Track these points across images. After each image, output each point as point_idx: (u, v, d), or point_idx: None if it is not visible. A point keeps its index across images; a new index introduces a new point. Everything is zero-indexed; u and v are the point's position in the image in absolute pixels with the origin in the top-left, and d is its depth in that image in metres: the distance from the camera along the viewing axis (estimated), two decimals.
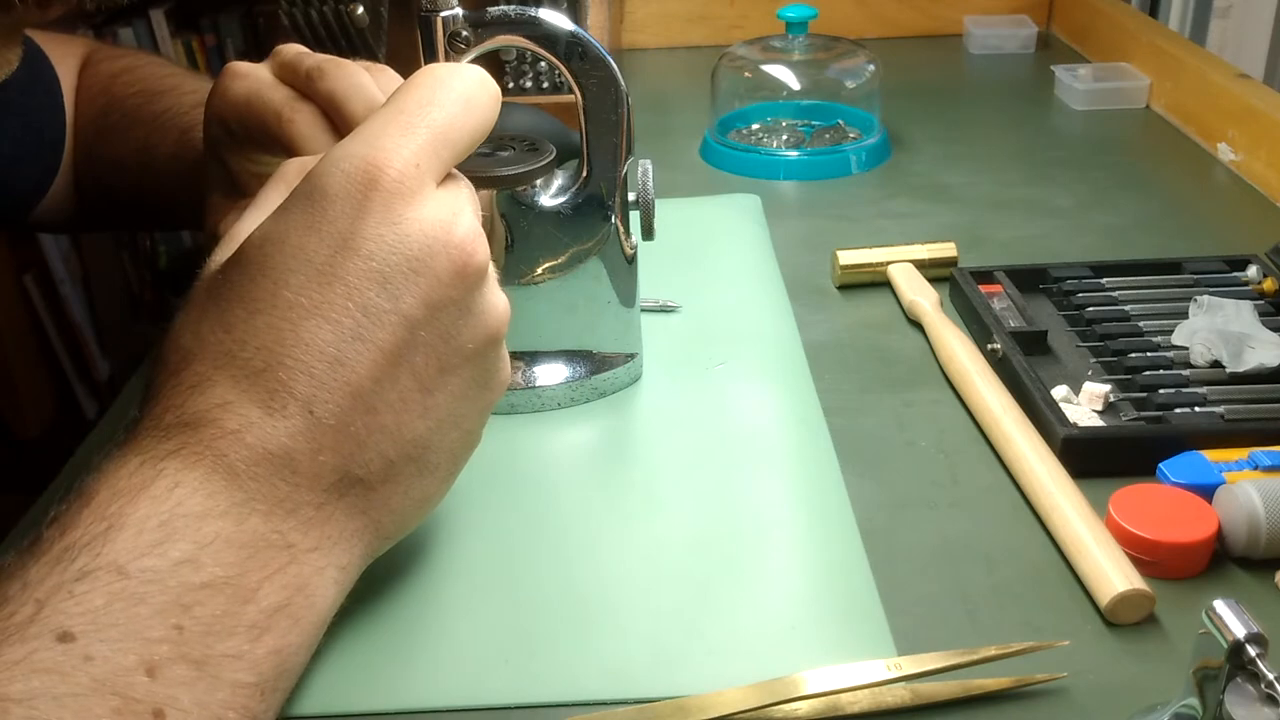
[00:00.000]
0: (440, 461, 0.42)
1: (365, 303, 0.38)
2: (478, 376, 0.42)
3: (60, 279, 1.93)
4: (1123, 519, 0.48)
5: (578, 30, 0.54)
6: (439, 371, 0.40)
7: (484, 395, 0.43)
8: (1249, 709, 0.34)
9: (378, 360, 0.39)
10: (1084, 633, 0.45)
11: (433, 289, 0.39)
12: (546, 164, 0.56)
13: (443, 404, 0.41)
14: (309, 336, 0.38)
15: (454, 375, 0.41)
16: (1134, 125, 1.02)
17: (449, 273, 0.40)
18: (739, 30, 1.26)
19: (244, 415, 0.38)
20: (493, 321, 0.42)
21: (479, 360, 0.42)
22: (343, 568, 0.40)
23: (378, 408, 0.39)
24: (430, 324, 0.40)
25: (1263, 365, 0.58)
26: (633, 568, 0.48)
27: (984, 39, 1.24)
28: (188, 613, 0.35)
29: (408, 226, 0.39)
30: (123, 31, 1.83)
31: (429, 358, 0.40)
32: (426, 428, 0.41)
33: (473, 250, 0.40)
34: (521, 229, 0.57)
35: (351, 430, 0.39)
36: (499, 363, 0.43)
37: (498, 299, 0.43)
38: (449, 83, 0.42)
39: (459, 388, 0.41)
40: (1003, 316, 0.65)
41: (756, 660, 0.43)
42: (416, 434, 0.40)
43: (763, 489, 0.53)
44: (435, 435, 0.41)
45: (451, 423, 0.42)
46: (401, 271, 0.39)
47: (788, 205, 0.88)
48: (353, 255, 0.38)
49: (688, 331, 0.66)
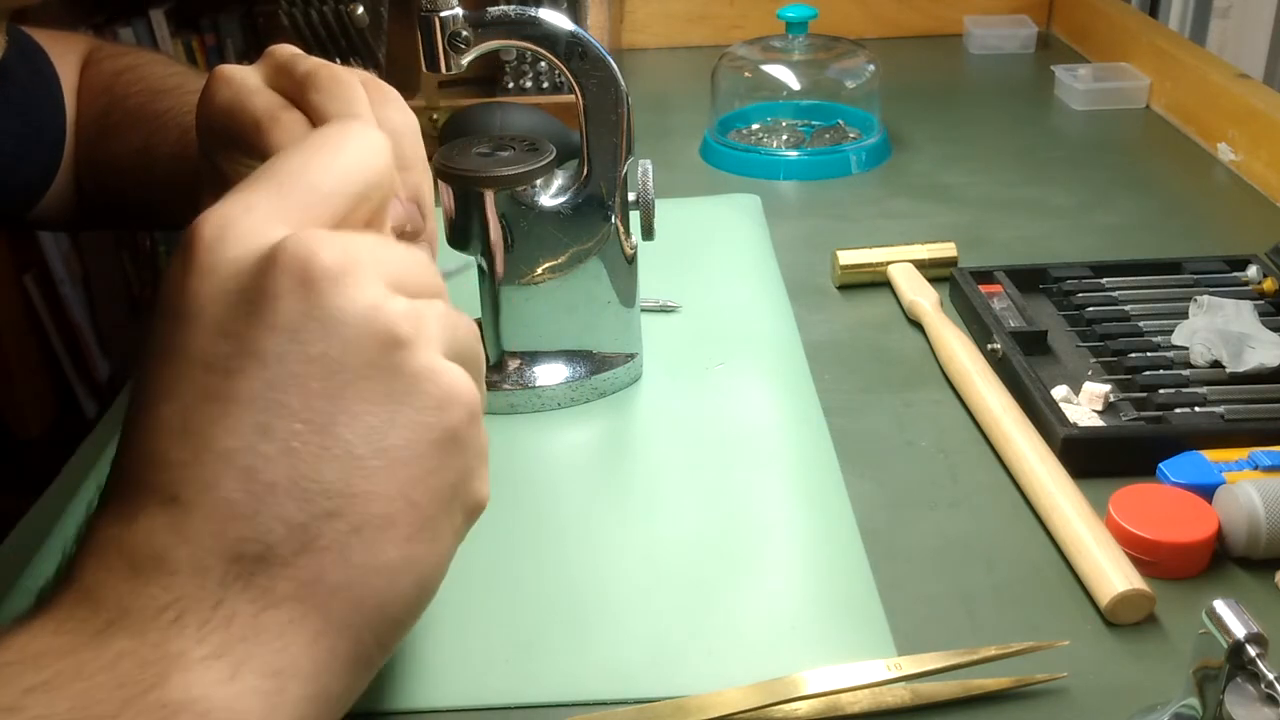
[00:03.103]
0: (388, 511, 0.34)
1: (205, 358, 0.33)
2: (386, 392, 0.34)
3: (60, 279, 1.93)
4: (1123, 519, 0.48)
5: (578, 30, 0.54)
6: (327, 400, 0.33)
7: (406, 413, 0.35)
8: (1249, 709, 0.34)
9: (237, 414, 0.33)
10: (1084, 633, 0.45)
11: (273, 312, 0.33)
12: (546, 164, 0.56)
13: (351, 438, 0.34)
14: (152, 420, 0.33)
15: (349, 399, 0.34)
16: (1134, 125, 1.02)
17: (287, 289, 0.33)
18: (739, 30, 1.26)
19: (104, 532, 0.33)
20: (370, 326, 0.34)
21: (377, 373, 0.34)
22: (274, 674, 0.32)
23: (256, 467, 0.32)
24: (289, 351, 0.33)
25: (1263, 365, 0.58)
26: (633, 568, 0.48)
27: (984, 39, 1.24)
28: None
29: (223, 268, 0.34)
30: (123, 31, 1.83)
31: (305, 390, 0.33)
32: (337, 472, 0.33)
33: (306, 256, 0.34)
34: (521, 229, 0.57)
35: (228, 502, 0.32)
36: (412, 371, 0.35)
37: (365, 294, 0.35)
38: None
39: (366, 411, 0.34)
40: (1003, 316, 0.65)
41: (756, 660, 0.43)
42: (325, 482, 0.33)
43: (763, 489, 0.53)
44: (358, 478, 0.33)
45: (378, 456, 0.34)
46: (231, 308, 0.33)
47: (788, 205, 0.88)
48: (179, 319, 0.34)
49: (688, 331, 0.66)
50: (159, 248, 2.01)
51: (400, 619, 0.35)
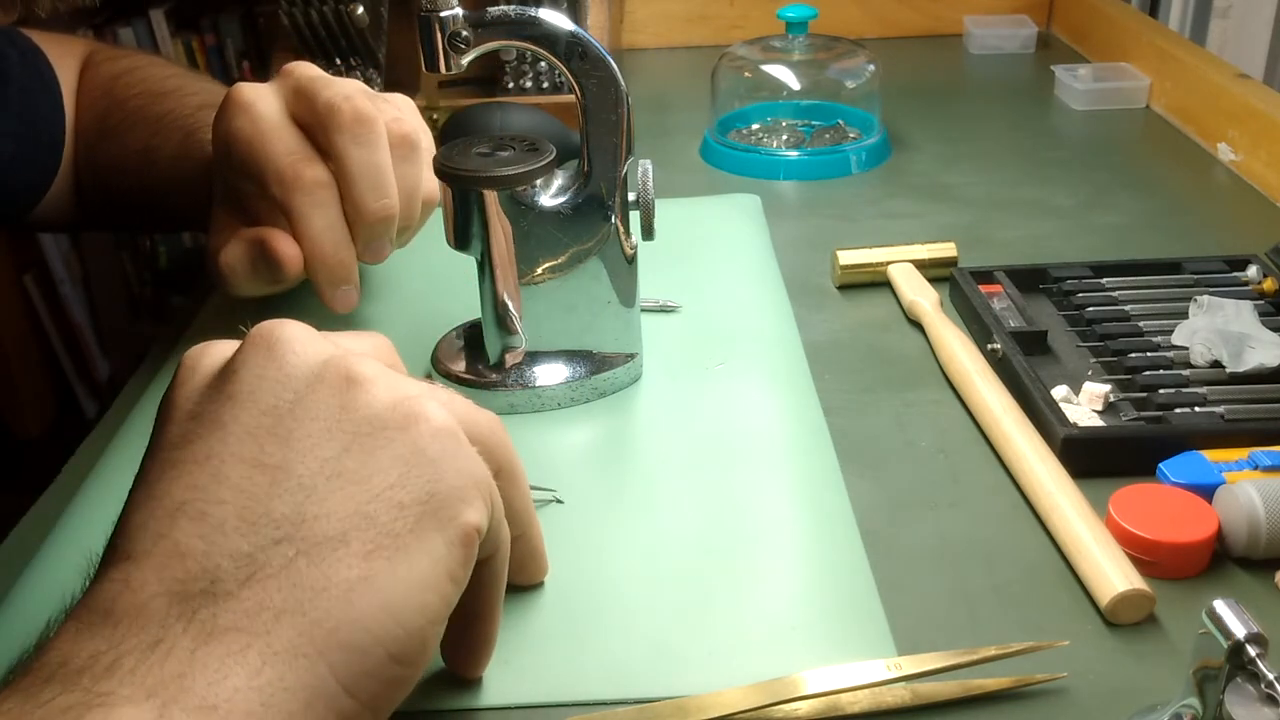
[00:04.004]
0: (340, 529, 0.34)
1: (173, 440, 0.35)
2: (341, 426, 0.35)
3: (60, 279, 1.93)
4: (1123, 519, 0.48)
5: (578, 30, 0.54)
6: (280, 444, 0.35)
7: (362, 439, 0.35)
8: (1249, 709, 0.34)
9: (193, 470, 0.34)
10: (1084, 633, 0.45)
11: (233, 382, 0.35)
12: (546, 164, 0.56)
13: (303, 472, 0.34)
14: (128, 502, 0.35)
15: (301, 438, 0.35)
16: (1134, 125, 1.02)
17: (250, 358, 0.36)
18: (739, 30, 1.26)
19: (75, 605, 0.33)
20: (323, 372, 0.36)
21: (331, 412, 0.35)
22: (209, 709, 0.31)
23: (208, 512, 0.33)
24: (245, 409, 0.35)
25: (1263, 365, 0.58)
26: (633, 567, 0.48)
27: (984, 39, 1.24)
28: None
29: (201, 371, 0.37)
30: (122, 31, 1.83)
31: (259, 439, 0.35)
32: (289, 504, 0.34)
33: (271, 329, 0.37)
34: (521, 229, 0.57)
35: (177, 547, 0.33)
36: (367, 403, 0.36)
37: (320, 349, 0.37)
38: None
39: (318, 445, 0.35)
40: (1003, 316, 0.65)
41: (756, 660, 0.43)
42: (276, 514, 0.34)
43: (763, 489, 0.53)
44: (310, 505, 0.34)
45: (331, 481, 0.34)
46: (202, 396, 0.36)
47: (788, 205, 0.88)
48: (160, 422, 0.37)
49: (688, 331, 0.66)
50: (159, 248, 2.01)
51: (366, 647, 0.33)
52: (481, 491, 0.37)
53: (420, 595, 0.34)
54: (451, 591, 0.36)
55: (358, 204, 0.57)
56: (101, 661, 0.31)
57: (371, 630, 0.33)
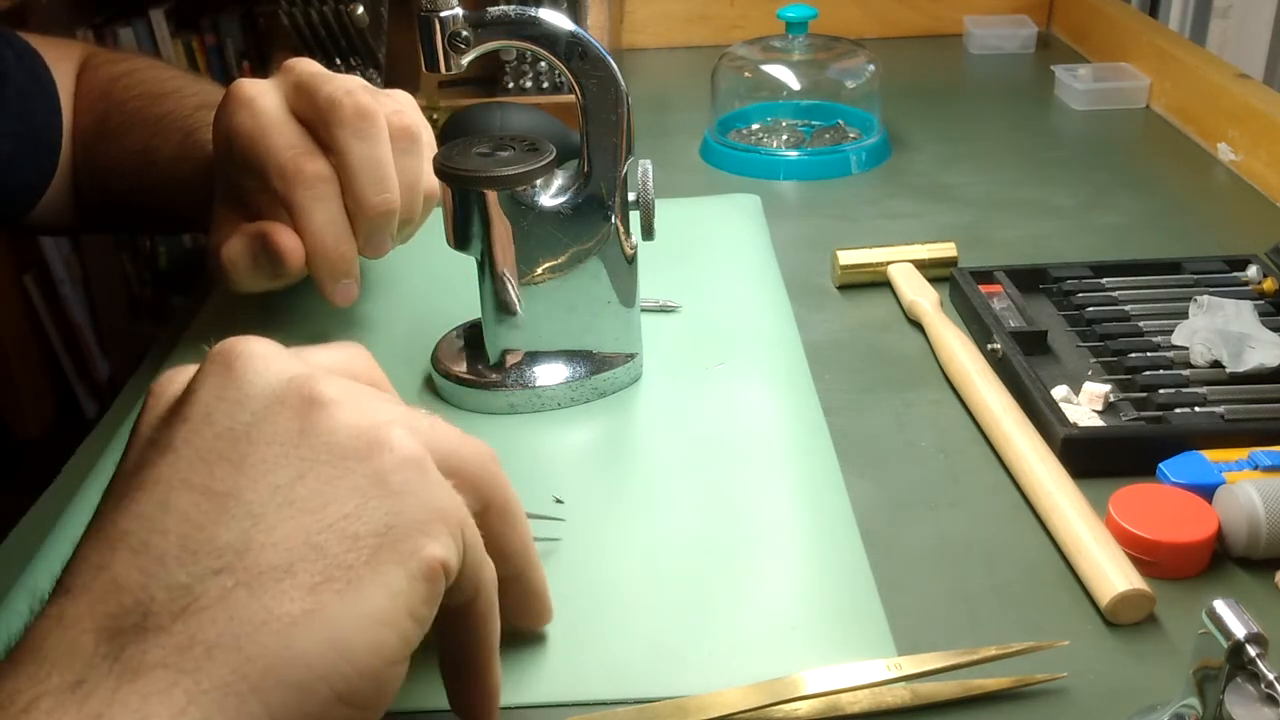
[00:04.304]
0: (286, 560, 0.32)
1: (128, 468, 0.34)
2: (298, 449, 0.34)
3: (60, 279, 1.93)
4: (1123, 519, 0.48)
5: (578, 30, 0.54)
6: (232, 468, 0.33)
7: (319, 467, 0.34)
8: (1249, 709, 0.34)
9: (140, 499, 0.33)
10: (1084, 633, 0.45)
11: (189, 404, 0.34)
12: (546, 164, 0.56)
13: (253, 498, 0.33)
14: (83, 535, 0.33)
15: (255, 462, 0.33)
16: (1134, 125, 1.02)
17: (208, 378, 0.34)
18: (739, 30, 1.26)
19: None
20: (283, 393, 0.34)
21: (288, 435, 0.34)
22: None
23: (150, 542, 0.32)
24: (198, 433, 0.33)
25: (1263, 365, 0.58)
26: (633, 567, 0.48)
27: (984, 39, 1.24)
28: None
29: (163, 399, 0.36)
30: (122, 31, 1.83)
31: (210, 464, 0.33)
32: (235, 532, 0.32)
33: (230, 346, 0.35)
34: (521, 229, 0.57)
35: (114, 580, 0.31)
36: (329, 427, 0.34)
37: (281, 368, 0.35)
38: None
39: (271, 471, 0.33)
40: (1003, 316, 0.65)
41: (756, 660, 0.43)
42: (219, 543, 0.32)
43: (763, 489, 0.53)
44: (257, 534, 0.32)
45: (281, 510, 0.33)
46: (160, 421, 0.35)
47: (788, 205, 0.88)
48: (124, 451, 0.35)
49: (688, 331, 0.66)
50: (159, 248, 2.01)
51: (309, 686, 0.30)
52: (449, 526, 0.34)
53: (374, 632, 0.32)
54: (412, 630, 0.33)
55: (359, 198, 0.57)
56: (19, 701, 0.29)
57: (315, 668, 0.31)
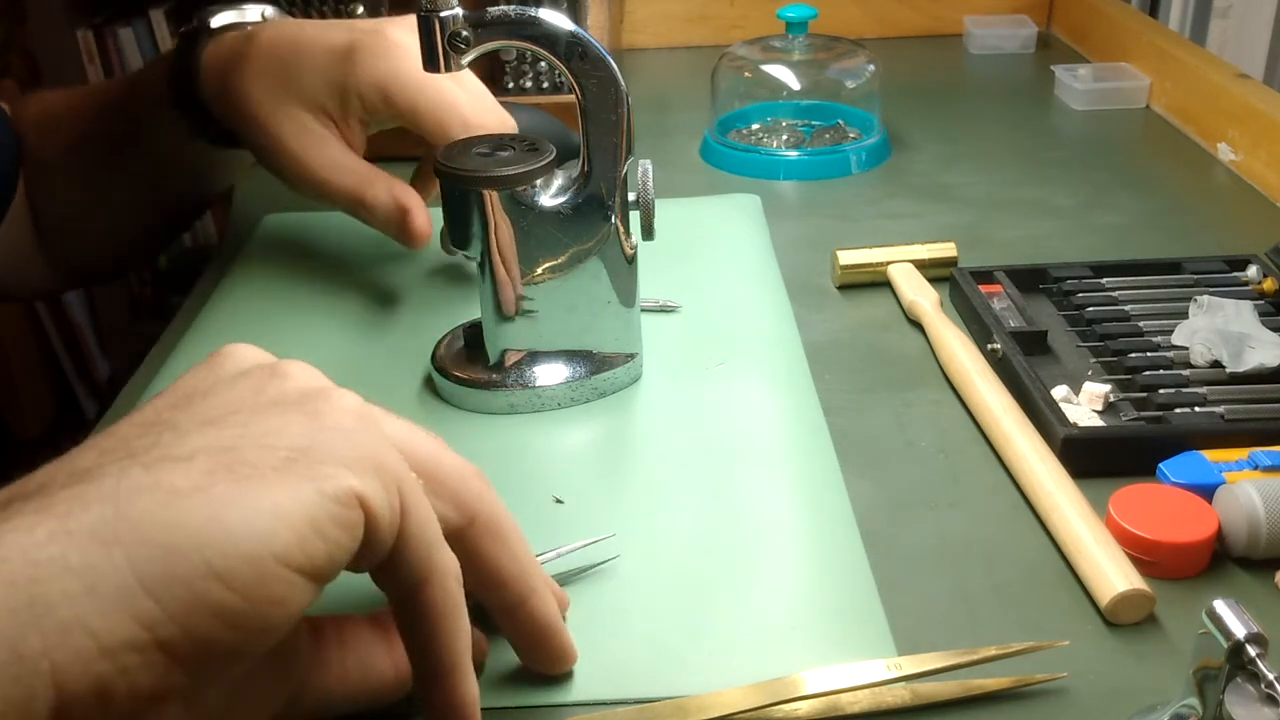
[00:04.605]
0: (189, 451, 0.32)
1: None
2: (230, 388, 0.35)
3: None
4: (1123, 519, 0.48)
5: (578, 30, 0.54)
6: (173, 412, 0.34)
7: (241, 392, 0.35)
8: (1249, 709, 0.34)
9: (94, 446, 0.33)
10: (1084, 633, 0.45)
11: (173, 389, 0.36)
12: (546, 164, 0.56)
13: (184, 420, 0.34)
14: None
15: (195, 405, 0.35)
16: (1134, 125, 1.02)
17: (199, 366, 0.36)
18: (739, 30, 1.26)
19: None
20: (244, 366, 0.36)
21: (229, 384, 0.35)
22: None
23: (73, 455, 0.33)
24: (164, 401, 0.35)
25: (1263, 365, 0.58)
26: (632, 567, 0.48)
27: (984, 39, 1.24)
28: None
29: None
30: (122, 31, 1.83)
31: (160, 415, 0.34)
32: (152, 439, 0.33)
33: (232, 346, 0.37)
34: (521, 229, 0.57)
35: (30, 478, 0.32)
36: (273, 372, 0.35)
37: (255, 356, 0.37)
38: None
39: (206, 406, 0.34)
40: (1003, 316, 0.65)
41: (756, 660, 0.43)
42: (136, 444, 0.32)
43: (763, 489, 0.53)
44: (169, 438, 0.33)
45: (201, 426, 0.33)
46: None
47: (788, 205, 0.88)
48: None
49: (688, 331, 0.66)
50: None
51: (180, 549, 0.29)
52: (381, 476, 0.33)
53: (265, 521, 0.30)
54: (314, 542, 0.31)
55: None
56: None
57: (190, 535, 0.29)
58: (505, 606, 0.40)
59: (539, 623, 0.41)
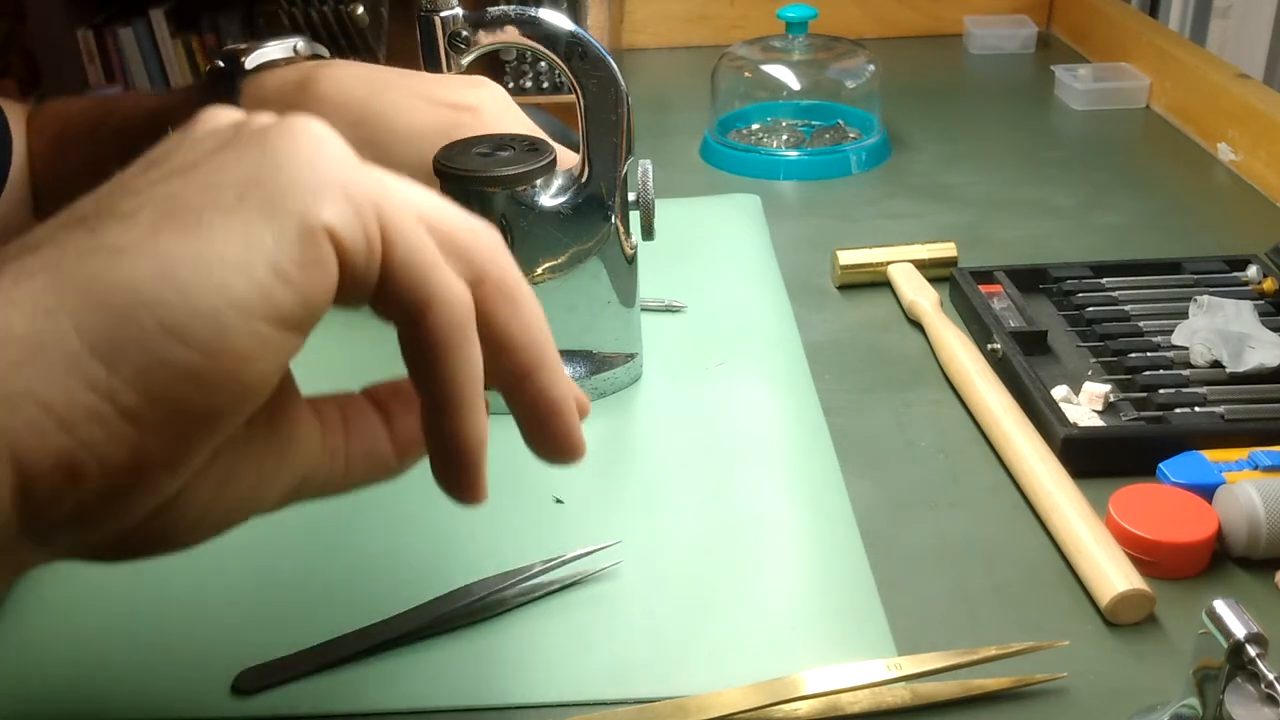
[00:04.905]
0: (134, 206, 0.29)
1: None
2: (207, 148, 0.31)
3: None
4: (1123, 519, 0.48)
5: (578, 30, 0.54)
6: (139, 168, 0.32)
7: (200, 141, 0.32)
8: (1249, 709, 0.34)
9: (71, 208, 0.31)
10: (1084, 633, 0.45)
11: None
12: (546, 164, 0.56)
13: (136, 176, 0.31)
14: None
15: (156, 159, 0.32)
16: (1134, 125, 1.02)
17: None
18: (739, 30, 1.26)
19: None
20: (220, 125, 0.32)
21: (201, 139, 0.32)
22: None
23: (36, 231, 0.30)
24: (140, 163, 0.32)
25: (1263, 365, 0.58)
26: (633, 567, 0.48)
27: (984, 39, 1.24)
28: None
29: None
30: (122, 31, 1.83)
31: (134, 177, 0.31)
32: (102, 198, 0.30)
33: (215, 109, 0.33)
34: (521, 229, 0.57)
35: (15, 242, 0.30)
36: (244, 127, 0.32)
37: (231, 115, 0.33)
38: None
39: (168, 157, 0.32)
40: (1003, 316, 0.65)
41: (756, 660, 0.43)
42: (87, 207, 0.31)
43: (763, 489, 0.53)
44: (119, 195, 0.30)
45: (153, 181, 0.31)
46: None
47: (788, 205, 0.88)
48: None
49: (688, 331, 0.66)
50: None
51: (128, 311, 0.27)
52: (352, 201, 0.30)
53: (217, 271, 0.28)
54: (277, 289, 0.28)
55: None
56: None
57: (136, 293, 0.27)
58: (512, 378, 0.35)
59: (546, 399, 0.36)
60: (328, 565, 0.49)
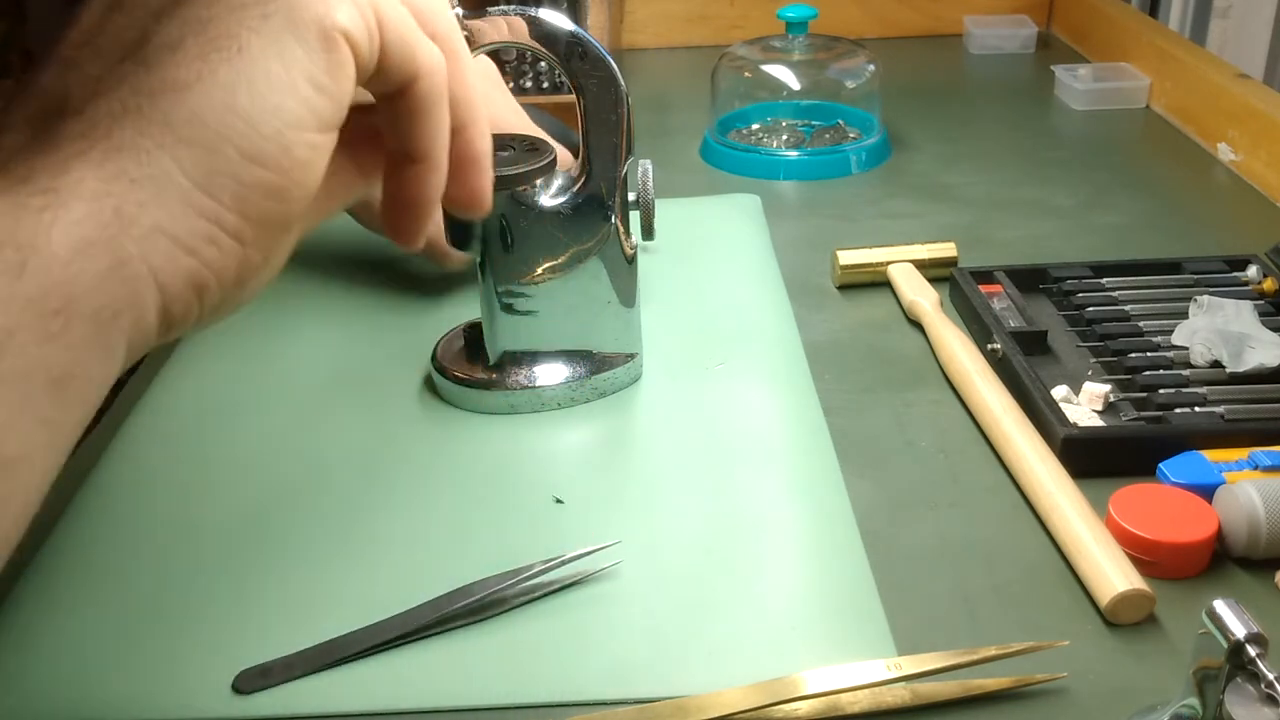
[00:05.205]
0: (173, 39, 0.32)
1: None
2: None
3: None
4: (1123, 519, 0.48)
5: (578, 30, 0.54)
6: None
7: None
8: (1249, 709, 0.34)
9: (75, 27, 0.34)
10: (1084, 633, 0.45)
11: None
12: (546, 164, 0.56)
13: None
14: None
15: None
16: (1134, 125, 1.02)
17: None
18: (739, 30, 1.26)
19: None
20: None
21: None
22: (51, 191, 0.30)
23: (72, 57, 0.33)
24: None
25: (1263, 365, 0.58)
26: (632, 567, 0.48)
27: (984, 39, 1.24)
28: None
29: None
30: None
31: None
32: (137, 29, 0.33)
33: None
34: (521, 229, 0.57)
35: (40, 89, 0.33)
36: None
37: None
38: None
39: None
40: (1003, 316, 0.65)
41: (756, 660, 0.43)
42: (126, 38, 0.33)
43: (763, 489, 0.53)
44: (154, 24, 0.33)
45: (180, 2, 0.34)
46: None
47: (788, 205, 0.88)
48: None
49: (688, 331, 0.66)
50: None
51: (211, 144, 0.31)
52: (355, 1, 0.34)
53: (269, 96, 0.32)
54: (317, 100, 0.33)
55: None
56: None
57: (213, 126, 0.32)
58: (450, 130, 0.39)
59: (472, 150, 0.40)
60: (328, 565, 0.49)
